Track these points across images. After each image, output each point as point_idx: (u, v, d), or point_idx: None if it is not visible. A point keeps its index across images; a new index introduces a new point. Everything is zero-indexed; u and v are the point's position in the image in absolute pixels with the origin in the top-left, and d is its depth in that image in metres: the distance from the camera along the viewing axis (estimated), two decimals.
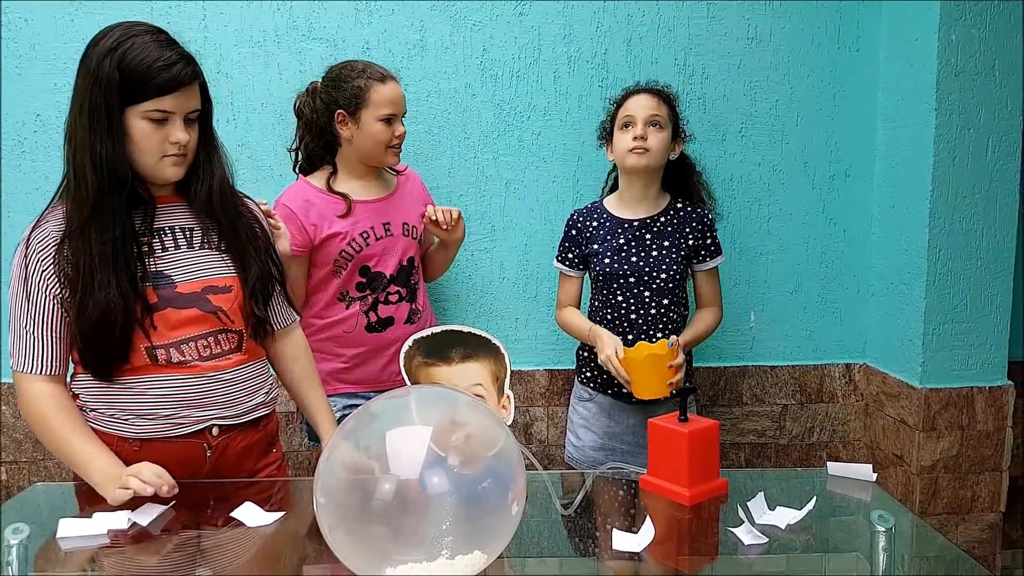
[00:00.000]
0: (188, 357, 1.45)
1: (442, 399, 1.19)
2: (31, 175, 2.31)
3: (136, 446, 1.45)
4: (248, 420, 1.55)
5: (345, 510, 1.06)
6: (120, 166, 1.36)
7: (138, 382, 1.44)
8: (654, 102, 1.98)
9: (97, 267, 1.35)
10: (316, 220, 1.96)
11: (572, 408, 2.19)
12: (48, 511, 1.45)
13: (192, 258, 1.48)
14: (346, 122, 1.95)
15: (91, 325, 1.36)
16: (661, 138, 1.96)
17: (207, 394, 1.48)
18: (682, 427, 1.43)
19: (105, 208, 1.35)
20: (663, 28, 2.38)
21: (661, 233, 2.04)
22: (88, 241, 1.35)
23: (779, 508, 1.34)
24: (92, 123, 1.33)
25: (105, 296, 1.35)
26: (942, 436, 2.29)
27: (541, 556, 1.26)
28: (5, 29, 2.26)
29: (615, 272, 2.02)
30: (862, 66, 2.43)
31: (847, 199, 2.49)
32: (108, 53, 1.33)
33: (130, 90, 1.34)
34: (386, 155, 2.00)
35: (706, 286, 2.11)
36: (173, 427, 1.46)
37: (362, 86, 1.92)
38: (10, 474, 2.42)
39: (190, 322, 1.45)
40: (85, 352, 1.40)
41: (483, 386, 1.59)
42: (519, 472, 1.11)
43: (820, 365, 2.54)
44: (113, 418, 1.45)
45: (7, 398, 2.38)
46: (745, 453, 2.56)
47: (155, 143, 1.38)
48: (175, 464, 1.44)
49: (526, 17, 2.35)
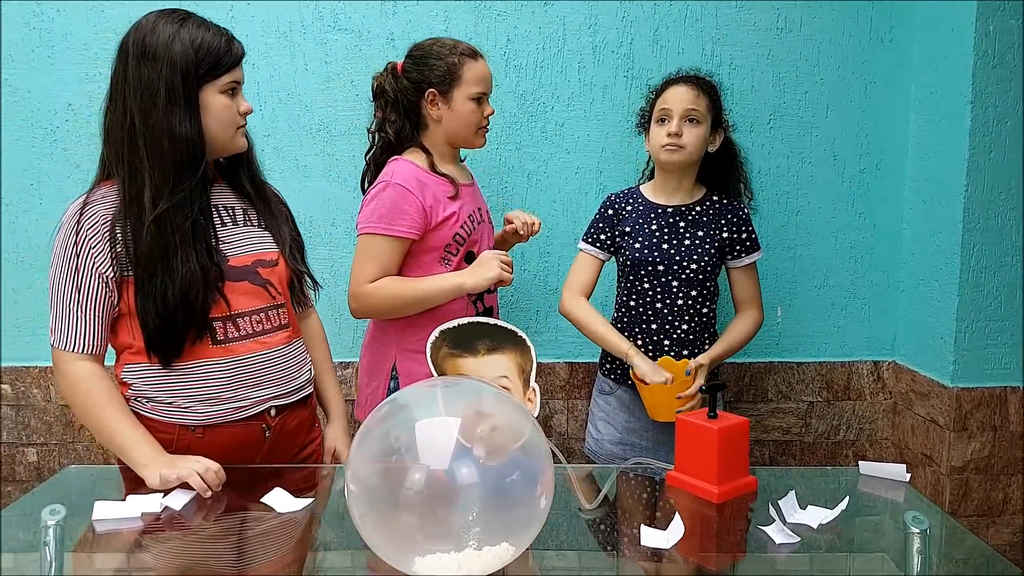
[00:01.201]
0: (244, 332, 1.48)
1: (470, 391, 1.19)
2: (62, 163, 2.36)
3: (199, 433, 1.47)
4: (298, 399, 1.60)
5: (376, 498, 1.06)
6: (199, 144, 1.40)
7: (198, 366, 1.45)
8: (692, 95, 1.91)
9: (178, 245, 1.38)
10: (432, 202, 1.83)
11: (594, 400, 2.16)
12: (80, 493, 1.47)
13: (239, 234, 1.51)
14: (436, 102, 1.86)
15: (169, 303, 1.37)
16: (697, 133, 1.91)
17: (263, 373, 1.51)
18: (712, 424, 1.41)
19: (185, 187, 1.38)
20: (690, 18, 2.34)
21: (695, 222, 1.99)
22: (169, 223, 1.37)
23: (810, 507, 1.32)
24: (172, 106, 1.37)
25: (188, 271, 1.38)
26: (973, 436, 2.23)
27: (563, 549, 1.25)
28: (38, 19, 2.30)
29: (644, 258, 1.97)
30: (895, 57, 2.37)
31: (877, 193, 2.43)
32: (175, 36, 1.37)
33: (207, 67, 1.39)
34: (476, 136, 1.92)
35: (743, 284, 2.04)
36: (235, 411, 1.49)
37: (455, 63, 1.84)
38: (41, 455, 2.47)
39: (243, 295, 1.48)
40: (156, 334, 1.40)
41: (509, 378, 1.58)
42: (547, 464, 1.11)
43: (848, 362, 2.49)
44: (174, 406, 1.46)
45: (38, 381, 2.43)
46: (769, 450, 2.52)
47: (232, 115, 1.45)
48: (236, 448, 1.49)
49: (551, 7, 2.33)
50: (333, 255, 2.40)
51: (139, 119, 1.37)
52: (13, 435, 2.46)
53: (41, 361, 2.43)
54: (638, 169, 2.36)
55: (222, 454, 1.46)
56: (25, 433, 2.46)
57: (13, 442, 2.46)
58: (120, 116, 1.38)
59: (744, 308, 2.06)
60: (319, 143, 2.37)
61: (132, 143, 1.38)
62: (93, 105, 2.33)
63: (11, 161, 2.35)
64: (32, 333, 2.43)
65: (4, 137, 2.34)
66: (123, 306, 1.42)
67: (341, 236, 2.38)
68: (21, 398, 2.44)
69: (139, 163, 1.37)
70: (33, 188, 2.36)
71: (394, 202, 1.79)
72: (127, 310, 1.42)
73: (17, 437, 2.46)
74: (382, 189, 1.81)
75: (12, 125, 2.34)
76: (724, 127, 1.99)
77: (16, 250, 2.39)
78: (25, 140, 2.34)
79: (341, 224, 2.38)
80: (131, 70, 1.37)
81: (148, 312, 1.38)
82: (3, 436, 2.46)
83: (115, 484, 1.49)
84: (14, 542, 1.26)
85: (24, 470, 2.47)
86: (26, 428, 2.46)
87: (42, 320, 2.40)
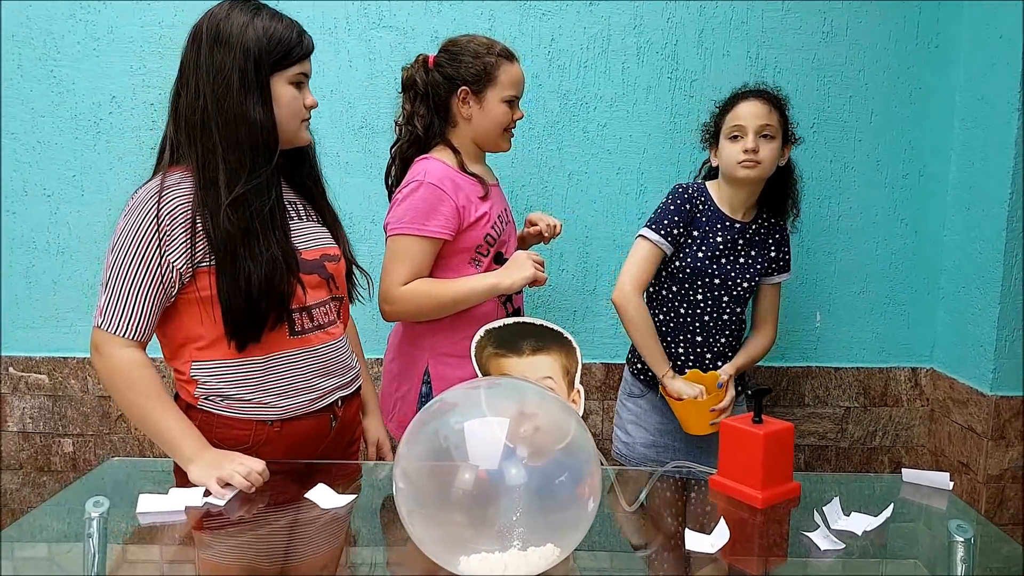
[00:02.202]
0: (317, 322, 1.50)
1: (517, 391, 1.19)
2: (105, 155, 2.36)
3: (277, 427, 1.48)
4: (355, 389, 1.63)
5: (425, 496, 1.07)
6: (273, 131, 1.42)
7: (276, 358, 1.46)
8: (765, 110, 1.88)
9: (257, 229, 1.39)
10: (464, 202, 1.80)
11: (621, 403, 2.13)
12: (122, 485, 1.47)
13: (305, 228, 1.53)
14: (468, 100, 1.84)
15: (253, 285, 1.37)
16: (772, 147, 1.88)
17: (331, 363, 1.54)
18: (757, 429, 1.40)
19: (261, 173, 1.40)
20: (736, 20, 2.34)
21: (751, 241, 1.99)
22: (247, 207, 1.38)
23: (855, 514, 1.32)
24: (245, 92, 1.38)
25: (271, 255, 1.39)
26: (1011, 445, 2.22)
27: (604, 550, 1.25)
28: (84, 12, 2.31)
29: (704, 269, 1.95)
30: (940, 63, 2.36)
31: (920, 199, 2.42)
32: (248, 24, 1.39)
33: (278, 57, 1.41)
34: (502, 139, 1.89)
35: (767, 300, 2.06)
36: (311, 403, 1.50)
37: (492, 63, 1.81)
38: (77, 446, 2.48)
39: (313, 287, 1.50)
40: (241, 316, 1.39)
41: (553, 379, 1.58)
42: (593, 465, 1.10)
43: (885, 368, 2.49)
44: (252, 402, 1.46)
45: (76, 372, 2.44)
46: (805, 455, 2.52)
47: (298, 107, 1.47)
48: (307, 440, 1.51)
49: (596, 7, 2.33)
50: (372, 252, 2.40)
51: (212, 103, 1.37)
52: (50, 425, 2.47)
53: (79, 352, 2.44)
54: (679, 170, 2.36)
55: (294, 446, 1.47)
56: (62, 424, 2.47)
57: (50, 432, 2.48)
58: (192, 99, 1.38)
59: (762, 324, 2.08)
60: (361, 140, 2.37)
61: (205, 127, 1.38)
62: (137, 98, 2.34)
63: (54, 152, 2.36)
64: (69, 325, 2.44)
65: (48, 129, 2.35)
66: (196, 295, 1.40)
67: (381, 233, 2.37)
68: (58, 388, 2.45)
69: (212, 147, 1.38)
70: (75, 179, 2.37)
71: (427, 202, 1.76)
72: (202, 299, 1.40)
73: (54, 427, 2.47)
74: (415, 189, 1.77)
75: (56, 117, 2.35)
76: (792, 141, 1.97)
77: (57, 241, 2.40)
78: (69, 132, 2.35)
79: (381, 221, 2.37)
80: (204, 55, 1.38)
81: (234, 295, 1.37)
82: (40, 426, 2.47)
83: (157, 476, 1.49)
84: (57, 534, 1.27)
85: (60, 460, 2.49)
86: (63, 419, 2.47)
87: (80, 312, 2.44)
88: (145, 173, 1.48)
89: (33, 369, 2.45)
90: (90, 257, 2.41)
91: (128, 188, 1.50)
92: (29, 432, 2.48)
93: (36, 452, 2.49)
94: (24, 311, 2.44)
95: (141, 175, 1.49)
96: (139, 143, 2.35)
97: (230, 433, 1.45)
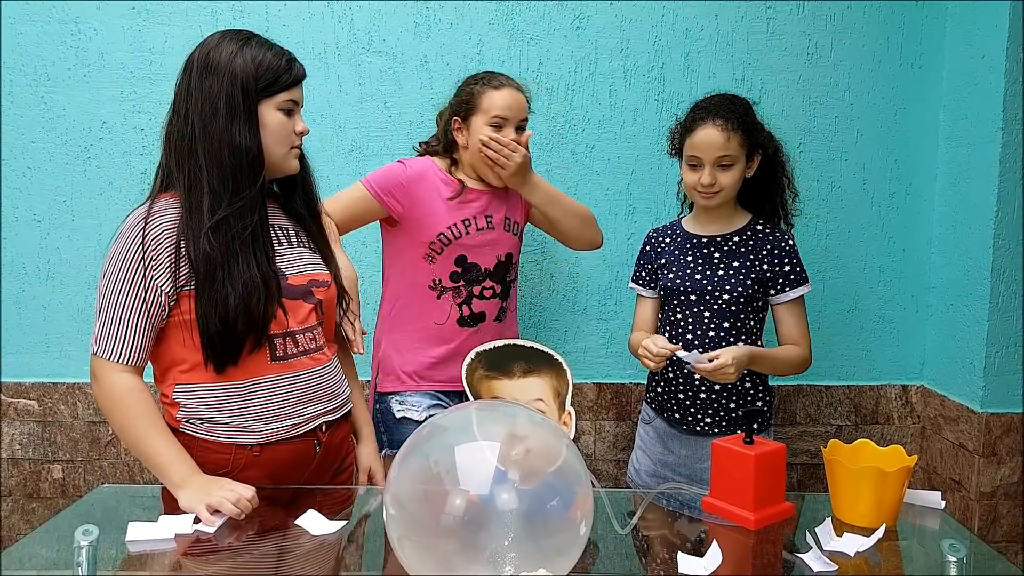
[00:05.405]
0: (302, 348, 1.51)
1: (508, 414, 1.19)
2: (95, 180, 2.37)
3: (256, 452, 1.48)
4: (343, 414, 1.62)
5: (416, 522, 1.06)
6: (259, 156, 1.44)
7: (256, 383, 1.46)
8: (722, 139, 1.81)
9: (238, 251, 1.40)
10: (423, 191, 1.93)
11: (637, 426, 2.12)
12: (112, 513, 1.46)
13: (295, 254, 1.54)
14: (461, 129, 1.96)
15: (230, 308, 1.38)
16: (731, 174, 1.85)
17: (316, 388, 1.53)
18: (748, 449, 1.40)
19: (245, 197, 1.41)
20: (722, 43, 2.36)
21: (732, 252, 1.92)
22: (228, 230, 1.40)
23: (847, 534, 1.32)
24: (232, 117, 1.40)
25: (249, 278, 1.40)
26: (1003, 462, 2.23)
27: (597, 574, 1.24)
28: (75, 39, 2.32)
29: (676, 288, 1.92)
30: (924, 83, 2.39)
31: (907, 217, 2.44)
32: (237, 52, 1.42)
33: (267, 83, 1.44)
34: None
35: (787, 322, 1.91)
36: (292, 428, 1.50)
37: (474, 91, 1.92)
38: (66, 472, 2.47)
39: (300, 312, 1.50)
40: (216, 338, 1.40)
41: (544, 401, 1.59)
42: (585, 488, 1.10)
43: (876, 386, 2.50)
44: (231, 426, 1.46)
45: (66, 397, 2.43)
46: (797, 474, 2.52)
47: (287, 133, 1.49)
48: (289, 465, 1.50)
49: (583, 31, 2.36)
50: (363, 274, 2.40)
51: (199, 129, 1.40)
52: (39, 451, 2.46)
53: (69, 378, 2.43)
54: (668, 192, 2.38)
55: (275, 471, 1.47)
56: (51, 450, 2.45)
57: (39, 459, 2.46)
58: (182, 126, 1.42)
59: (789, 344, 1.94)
60: (351, 163, 2.38)
61: (192, 152, 1.41)
62: (127, 124, 2.35)
63: (44, 177, 2.37)
64: (60, 350, 2.43)
65: (38, 154, 2.36)
66: (180, 319, 1.42)
67: (372, 256, 2.39)
68: (48, 414, 2.44)
69: (198, 171, 1.40)
70: (66, 205, 2.37)
71: (390, 170, 1.95)
72: (184, 322, 1.42)
73: (43, 454, 2.46)
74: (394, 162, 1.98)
75: (47, 142, 2.35)
76: (764, 143, 1.91)
77: (47, 266, 2.40)
78: (59, 157, 2.36)
79: (371, 243, 2.39)
80: (194, 83, 1.42)
81: (209, 317, 1.39)
82: (29, 452, 2.46)
83: (147, 503, 1.49)
84: (46, 562, 1.25)
85: (49, 487, 2.47)
86: (52, 444, 2.45)
87: (71, 337, 2.43)
88: (135, 198, 1.50)
89: (23, 395, 2.44)
90: (80, 282, 2.40)
91: (119, 213, 1.52)
92: (18, 458, 2.46)
93: (25, 478, 2.47)
94: (14, 336, 2.43)
95: (131, 200, 1.51)
96: (129, 168, 2.35)
97: (209, 456, 1.45)
